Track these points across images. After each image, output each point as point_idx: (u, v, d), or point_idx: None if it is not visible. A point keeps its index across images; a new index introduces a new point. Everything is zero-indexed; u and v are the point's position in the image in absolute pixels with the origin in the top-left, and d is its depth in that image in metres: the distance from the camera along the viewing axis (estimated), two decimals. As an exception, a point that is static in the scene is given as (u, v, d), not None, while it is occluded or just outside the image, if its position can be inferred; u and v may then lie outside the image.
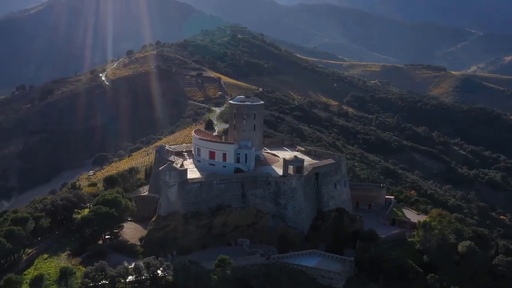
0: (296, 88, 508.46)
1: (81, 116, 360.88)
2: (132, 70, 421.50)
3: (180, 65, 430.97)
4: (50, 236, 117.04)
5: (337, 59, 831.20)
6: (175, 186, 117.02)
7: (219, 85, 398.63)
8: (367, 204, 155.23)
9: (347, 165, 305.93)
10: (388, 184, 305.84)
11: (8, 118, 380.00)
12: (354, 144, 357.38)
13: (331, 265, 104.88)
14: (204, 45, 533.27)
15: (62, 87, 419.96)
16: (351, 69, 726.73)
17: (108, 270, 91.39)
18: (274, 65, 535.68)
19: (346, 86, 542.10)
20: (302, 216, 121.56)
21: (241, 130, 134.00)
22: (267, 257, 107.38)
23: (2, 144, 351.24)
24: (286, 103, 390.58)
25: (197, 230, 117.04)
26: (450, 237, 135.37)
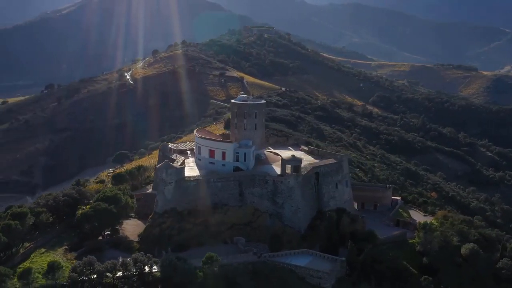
0: (321, 88, 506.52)
1: (105, 114, 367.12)
2: (157, 69, 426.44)
3: (204, 64, 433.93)
4: (50, 231, 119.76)
5: (366, 59, 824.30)
6: (172, 184, 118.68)
7: (241, 84, 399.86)
8: (372, 205, 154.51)
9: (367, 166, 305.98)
10: (408, 185, 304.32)
11: (36, 116, 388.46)
12: (376, 145, 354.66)
13: (321, 264, 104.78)
14: (230, 44, 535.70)
15: (88, 86, 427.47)
16: (379, 69, 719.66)
17: (96, 265, 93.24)
18: (299, 64, 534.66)
19: (372, 86, 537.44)
20: (299, 215, 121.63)
21: (242, 129, 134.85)
22: (258, 256, 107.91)
23: (29, 142, 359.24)
24: (308, 103, 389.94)
25: (194, 227, 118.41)
26: (454, 239, 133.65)
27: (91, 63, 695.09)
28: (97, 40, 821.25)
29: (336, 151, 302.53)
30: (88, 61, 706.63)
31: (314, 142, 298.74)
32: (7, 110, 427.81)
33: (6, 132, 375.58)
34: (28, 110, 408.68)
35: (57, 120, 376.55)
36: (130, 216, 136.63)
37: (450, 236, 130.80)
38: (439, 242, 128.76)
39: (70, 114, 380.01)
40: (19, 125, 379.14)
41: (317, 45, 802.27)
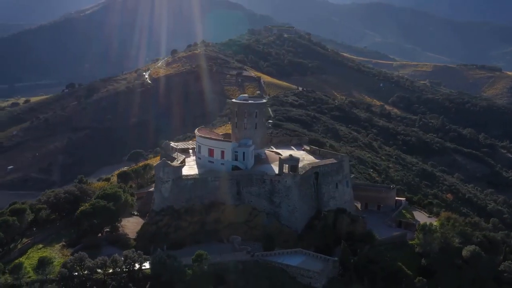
0: (340, 88, 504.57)
1: (123, 113, 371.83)
2: (175, 69, 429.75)
3: (221, 64, 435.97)
4: (50, 228, 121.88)
5: (388, 59, 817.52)
6: (169, 182, 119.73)
7: (258, 84, 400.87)
8: (376, 205, 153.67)
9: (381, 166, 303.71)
10: (423, 186, 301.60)
11: (56, 115, 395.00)
12: (393, 145, 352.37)
13: (313, 264, 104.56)
14: (248, 44, 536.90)
15: (108, 86, 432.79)
16: (401, 69, 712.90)
17: (87, 261, 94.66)
18: (318, 64, 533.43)
19: (392, 87, 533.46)
20: (296, 215, 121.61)
21: (242, 128, 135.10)
22: (252, 255, 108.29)
23: (49, 140, 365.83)
24: (325, 103, 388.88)
25: (190, 225, 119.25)
26: (456, 240, 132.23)
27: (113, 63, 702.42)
28: (120, 40, 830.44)
29: (350, 151, 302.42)
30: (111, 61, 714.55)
31: (328, 142, 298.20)
32: (29, 109, 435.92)
33: (27, 131, 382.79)
34: (49, 109, 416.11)
35: (76, 119, 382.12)
36: (132, 214, 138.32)
37: (451, 237, 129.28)
38: (440, 244, 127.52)
39: (89, 113, 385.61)
40: (39, 124, 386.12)
41: (338, 45, 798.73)
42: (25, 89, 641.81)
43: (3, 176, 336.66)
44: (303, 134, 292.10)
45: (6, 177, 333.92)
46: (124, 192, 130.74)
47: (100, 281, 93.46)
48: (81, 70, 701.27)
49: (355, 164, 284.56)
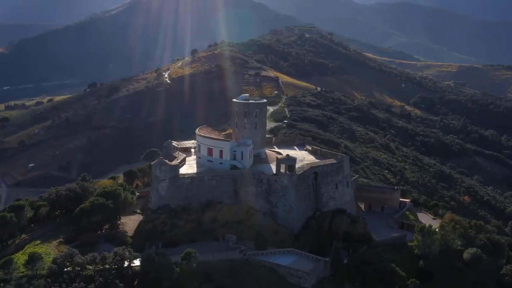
0: (361, 88, 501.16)
1: (141, 112, 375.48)
2: (194, 69, 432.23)
3: (240, 64, 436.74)
4: (51, 224, 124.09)
5: (412, 59, 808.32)
6: (165, 181, 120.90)
7: (276, 84, 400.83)
8: (379, 206, 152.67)
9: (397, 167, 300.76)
10: (440, 188, 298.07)
11: (77, 114, 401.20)
12: (411, 146, 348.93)
13: (303, 264, 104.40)
14: (269, 44, 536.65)
15: (129, 85, 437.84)
16: (425, 70, 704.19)
17: (77, 257, 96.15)
18: (339, 64, 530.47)
19: (414, 87, 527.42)
20: (292, 215, 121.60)
21: (242, 128, 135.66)
22: (244, 254, 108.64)
23: (69, 138, 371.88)
24: (343, 103, 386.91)
25: (186, 224, 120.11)
26: (458, 243, 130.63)
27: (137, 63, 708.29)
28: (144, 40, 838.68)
29: (366, 152, 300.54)
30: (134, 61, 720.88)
31: (343, 142, 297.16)
32: (51, 107, 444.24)
33: (48, 129, 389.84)
34: (71, 108, 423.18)
35: (96, 118, 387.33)
36: (135, 212, 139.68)
37: (451, 240, 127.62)
38: (440, 246, 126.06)
39: (108, 112, 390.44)
40: (61, 122, 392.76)
41: (362, 45, 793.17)
42: (51, 88, 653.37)
43: (24, 173, 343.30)
44: (318, 135, 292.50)
45: (27, 175, 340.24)
46: (125, 190, 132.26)
47: (89, 277, 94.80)
48: (106, 70, 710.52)
49: (370, 165, 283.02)
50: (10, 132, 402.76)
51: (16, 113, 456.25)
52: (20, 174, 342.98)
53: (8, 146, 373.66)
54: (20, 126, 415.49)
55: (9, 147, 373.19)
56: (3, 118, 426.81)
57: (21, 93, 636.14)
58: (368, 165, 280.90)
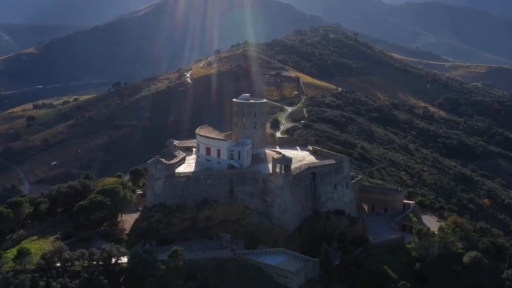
0: (385, 89, 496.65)
1: (161, 112, 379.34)
2: (215, 69, 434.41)
3: (262, 64, 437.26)
4: (51, 220, 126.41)
5: (440, 59, 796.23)
6: (161, 179, 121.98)
7: (297, 84, 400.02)
8: (383, 208, 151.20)
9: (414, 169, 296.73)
10: (459, 190, 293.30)
11: (100, 113, 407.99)
12: (432, 148, 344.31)
13: (291, 264, 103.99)
14: (292, 44, 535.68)
15: (152, 85, 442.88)
16: (453, 71, 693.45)
17: (66, 253, 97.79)
18: (363, 65, 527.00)
19: (440, 88, 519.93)
20: (287, 215, 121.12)
21: (241, 127, 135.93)
22: (234, 253, 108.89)
23: (91, 137, 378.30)
24: (364, 104, 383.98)
25: (181, 222, 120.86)
26: (459, 246, 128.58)
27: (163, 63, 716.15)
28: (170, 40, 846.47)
29: (383, 153, 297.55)
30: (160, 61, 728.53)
31: (360, 143, 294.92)
32: (76, 107, 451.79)
33: (71, 128, 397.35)
34: (94, 107, 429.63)
35: (117, 117, 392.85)
36: (138, 209, 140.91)
37: (450, 242, 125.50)
38: (439, 249, 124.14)
39: (130, 111, 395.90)
40: (84, 121, 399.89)
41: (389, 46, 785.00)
42: (78, 88, 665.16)
43: (46, 171, 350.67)
44: (336, 135, 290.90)
45: (49, 172, 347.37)
46: (125, 188, 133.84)
47: (75, 272, 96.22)
48: (132, 69, 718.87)
49: (386, 166, 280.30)
50: (36, 131, 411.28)
51: (43, 112, 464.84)
52: (43, 171, 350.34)
53: (32, 145, 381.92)
54: (45, 125, 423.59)
55: (33, 145, 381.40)
56: (29, 117, 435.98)
57: (50, 92, 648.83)
58: (384, 167, 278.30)
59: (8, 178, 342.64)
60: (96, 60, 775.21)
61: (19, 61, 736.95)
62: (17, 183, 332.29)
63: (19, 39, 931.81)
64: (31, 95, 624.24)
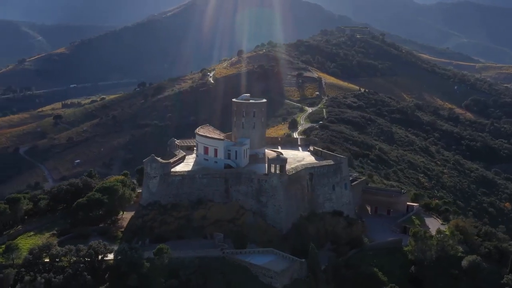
0: (411, 90, 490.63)
1: (182, 112, 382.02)
2: (237, 69, 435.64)
3: (284, 65, 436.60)
4: (51, 217, 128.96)
5: (471, 60, 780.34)
6: (156, 178, 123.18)
7: (319, 85, 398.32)
8: (386, 210, 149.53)
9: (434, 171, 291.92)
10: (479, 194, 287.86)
11: (123, 113, 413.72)
12: (455, 150, 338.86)
13: (278, 265, 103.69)
14: (317, 45, 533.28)
15: (175, 85, 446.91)
16: (484, 72, 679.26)
17: (53, 249, 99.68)
18: (389, 65, 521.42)
19: (468, 89, 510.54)
20: (281, 215, 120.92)
21: (240, 127, 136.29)
22: (223, 252, 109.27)
23: (113, 136, 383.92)
24: (386, 105, 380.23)
25: (175, 221, 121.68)
26: (459, 249, 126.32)
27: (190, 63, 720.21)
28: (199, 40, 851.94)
29: (402, 155, 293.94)
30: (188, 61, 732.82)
31: (378, 145, 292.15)
32: (102, 106, 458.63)
33: (95, 127, 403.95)
34: (119, 107, 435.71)
35: (140, 116, 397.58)
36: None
37: (448, 246, 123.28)
38: (437, 252, 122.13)
39: (152, 111, 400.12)
40: (108, 120, 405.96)
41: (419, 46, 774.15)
42: (107, 87, 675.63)
43: (70, 169, 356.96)
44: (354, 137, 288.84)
45: (72, 170, 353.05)
46: (124, 186, 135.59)
47: (62, 268, 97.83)
48: (161, 70, 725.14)
49: (403, 168, 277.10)
50: (62, 129, 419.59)
51: (70, 111, 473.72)
52: (66, 169, 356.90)
53: (57, 143, 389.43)
54: (72, 123, 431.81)
55: (58, 143, 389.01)
56: (56, 115, 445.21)
57: (80, 92, 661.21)
58: (401, 168, 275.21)
59: (33, 175, 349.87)
60: (125, 60, 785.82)
61: (50, 61, 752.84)
62: (41, 180, 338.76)
63: (52, 40, 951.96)
64: (61, 94, 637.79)
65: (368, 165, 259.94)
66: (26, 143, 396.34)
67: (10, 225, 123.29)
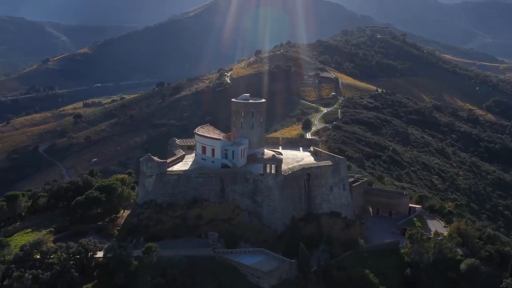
0: (430, 91, 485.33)
1: (199, 111, 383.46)
2: (254, 69, 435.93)
3: (302, 65, 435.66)
4: (50, 214, 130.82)
5: (496, 61, 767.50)
6: (152, 177, 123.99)
7: (336, 85, 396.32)
8: (387, 211, 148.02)
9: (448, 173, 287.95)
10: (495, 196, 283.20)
11: (141, 112, 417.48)
12: (473, 152, 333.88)
13: (266, 265, 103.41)
14: (336, 45, 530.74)
15: (193, 85, 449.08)
16: (508, 72, 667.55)
17: (44, 246, 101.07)
18: (410, 66, 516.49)
19: (490, 90, 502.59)
20: (276, 215, 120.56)
21: (239, 127, 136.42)
22: (214, 251, 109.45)
23: (130, 135, 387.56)
24: (403, 106, 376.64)
25: (171, 220, 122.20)
26: (459, 252, 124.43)
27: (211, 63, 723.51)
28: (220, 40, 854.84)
29: (416, 156, 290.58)
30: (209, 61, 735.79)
31: (392, 146, 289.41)
32: (121, 105, 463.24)
33: (113, 126, 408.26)
34: (137, 106, 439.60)
35: (157, 116, 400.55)
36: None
37: (446, 249, 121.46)
38: (434, 255, 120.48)
39: (169, 110, 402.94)
40: (125, 120, 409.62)
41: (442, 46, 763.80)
42: (129, 87, 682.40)
43: (87, 167, 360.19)
44: (363, 137, 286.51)
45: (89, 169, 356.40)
46: (123, 185, 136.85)
47: (51, 264, 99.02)
48: (182, 70, 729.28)
49: (417, 170, 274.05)
50: (82, 128, 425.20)
51: (90, 111, 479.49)
52: (84, 168, 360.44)
53: (76, 142, 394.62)
54: (91, 122, 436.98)
55: (77, 142, 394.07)
56: (76, 114, 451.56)
57: (102, 91, 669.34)
58: (415, 170, 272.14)
59: (51, 173, 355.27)
60: (147, 60, 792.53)
61: (73, 61, 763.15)
62: (58, 178, 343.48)
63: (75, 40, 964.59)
64: (84, 94, 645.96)
65: (380, 166, 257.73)
66: (46, 141, 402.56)
67: (10, 222, 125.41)
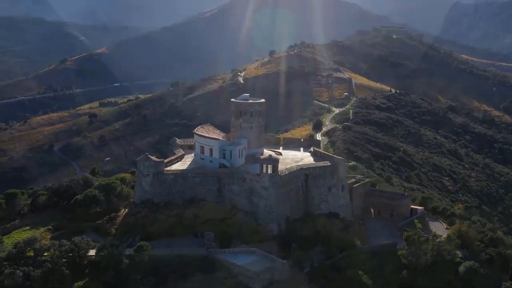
0: (446, 91, 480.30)
1: (211, 111, 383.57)
2: (268, 69, 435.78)
3: (315, 65, 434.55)
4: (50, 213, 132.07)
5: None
6: (149, 176, 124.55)
7: (349, 85, 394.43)
8: (389, 213, 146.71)
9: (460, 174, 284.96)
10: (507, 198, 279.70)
11: (154, 112, 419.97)
12: (487, 153, 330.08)
13: (258, 265, 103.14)
14: (350, 45, 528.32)
15: (207, 85, 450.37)
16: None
17: (37, 244, 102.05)
18: (426, 66, 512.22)
19: (508, 91, 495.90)
20: (272, 215, 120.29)
21: (238, 127, 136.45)
22: (208, 251, 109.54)
23: (143, 135, 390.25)
24: (417, 106, 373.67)
25: (167, 219, 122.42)
26: (457, 254, 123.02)
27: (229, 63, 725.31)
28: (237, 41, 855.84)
29: (427, 157, 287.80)
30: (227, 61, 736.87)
31: (402, 147, 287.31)
32: (135, 105, 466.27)
33: (127, 125, 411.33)
34: (151, 106, 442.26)
35: (170, 115, 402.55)
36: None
37: (445, 251, 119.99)
38: (433, 257, 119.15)
39: (182, 110, 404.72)
40: (139, 119, 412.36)
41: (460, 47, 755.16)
42: (145, 87, 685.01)
43: (100, 166, 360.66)
44: (373, 138, 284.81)
45: (102, 168, 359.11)
46: (123, 184, 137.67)
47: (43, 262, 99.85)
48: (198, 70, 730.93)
49: (427, 171, 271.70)
50: (96, 128, 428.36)
51: (106, 110, 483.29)
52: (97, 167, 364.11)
53: (90, 141, 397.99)
54: (106, 122, 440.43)
55: (91, 141, 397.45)
56: (92, 114, 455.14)
57: (118, 91, 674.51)
58: (425, 171, 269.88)
59: (64, 172, 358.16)
60: (163, 60, 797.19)
61: (90, 61, 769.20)
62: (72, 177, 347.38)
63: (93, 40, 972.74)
64: (101, 93, 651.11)
65: (389, 167, 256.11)
66: (61, 140, 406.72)
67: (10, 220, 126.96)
